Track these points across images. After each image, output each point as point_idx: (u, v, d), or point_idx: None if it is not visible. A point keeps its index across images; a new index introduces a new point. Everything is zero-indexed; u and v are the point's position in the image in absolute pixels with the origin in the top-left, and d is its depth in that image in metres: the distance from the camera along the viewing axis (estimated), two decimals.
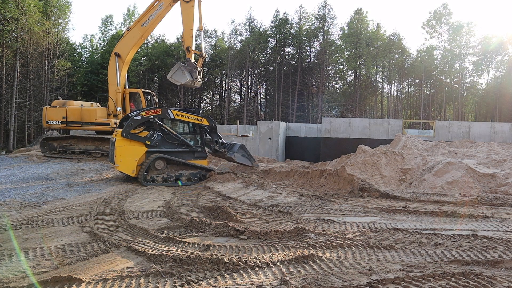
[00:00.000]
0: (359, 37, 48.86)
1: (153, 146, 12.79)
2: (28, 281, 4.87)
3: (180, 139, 13.09)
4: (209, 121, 13.39)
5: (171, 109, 13.14)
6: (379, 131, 22.63)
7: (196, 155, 13.36)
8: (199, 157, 13.37)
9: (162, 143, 12.99)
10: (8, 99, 34.94)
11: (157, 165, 12.66)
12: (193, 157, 13.31)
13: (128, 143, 12.68)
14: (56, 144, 19.16)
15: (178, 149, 13.12)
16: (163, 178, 12.61)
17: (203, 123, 13.36)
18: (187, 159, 13.05)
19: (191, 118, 13.27)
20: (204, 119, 13.33)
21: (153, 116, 12.80)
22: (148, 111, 12.90)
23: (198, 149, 13.38)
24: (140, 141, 12.73)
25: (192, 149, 13.25)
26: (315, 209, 9.17)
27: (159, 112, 12.95)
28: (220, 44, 56.35)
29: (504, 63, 48.68)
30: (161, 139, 12.92)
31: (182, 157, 13.06)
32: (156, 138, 12.82)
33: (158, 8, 17.51)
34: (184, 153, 13.15)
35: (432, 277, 4.71)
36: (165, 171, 12.79)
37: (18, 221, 7.84)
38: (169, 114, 12.97)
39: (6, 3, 33.20)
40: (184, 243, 6.38)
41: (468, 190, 10.72)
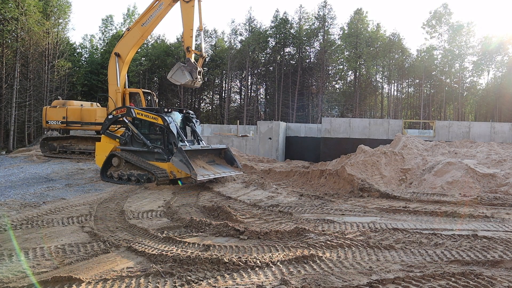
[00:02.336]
0: (359, 37, 48.86)
1: (123, 144, 13.15)
2: (28, 281, 4.87)
3: (140, 138, 12.83)
4: (163, 120, 12.34)
5: (134, 109, 13.03)
6: (379, 131, 22.63)
7: (156, 156, 12.69)
8: (159, 159, 12.58)
9: (132, 142, 13.12)
10: (8, 99, 34.94)
11: (113, 162, 12.91)
12: (154, 158, 12.71)
13: (106, 140, 13.56)
14: (56, 144, 19.16)
15: (142, 148, 12.88)
16: (118, 175, 12.82)
17: (158, 122, 12.50)
18: (150, 160, 12.67)
19: (149, 117, 12.68)
20: (159, 117, 12.41)
21: (120, 115, 13.12)
22: (118, 110, 13.43)
23: (155, 150, 12.60)
24: (113, 139, 13.36)
25: (149, 149, 12.68)
26: (315, 209, 9.17)
27: (125, 111, 13.15)
28: (220, 44, 56.36)
29: (504, 63, 48.70)
30: (131, 138, 13.09)
31: (146, 157, 12.76)
32: (126, 136, 13.10)
33: (158, 8, 17.49)
34: (147, 153, 12.78)
35: (432, 277, 4.71)
36: (120, 169, 12.86)
37: (18, 221, 7.84)
38: (132, 113, 12.90)
39: (6, 3, 33.20)
40: (184, 243, 6.38)
41: (468, 190, 10.72)
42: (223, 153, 13.55)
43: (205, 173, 11.78)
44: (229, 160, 13.42)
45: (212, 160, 13.15)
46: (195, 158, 12.26)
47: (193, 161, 11.94)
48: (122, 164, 12.83)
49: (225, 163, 13.33)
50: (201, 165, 12.22)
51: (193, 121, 14.06)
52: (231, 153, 13.50)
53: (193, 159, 12.04)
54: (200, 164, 12.31)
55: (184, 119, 14.04)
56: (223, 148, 13.66)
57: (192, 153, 12.19)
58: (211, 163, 12.94)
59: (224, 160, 13.43)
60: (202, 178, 11.36)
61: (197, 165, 11.98)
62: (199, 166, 12.02)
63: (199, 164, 12.22)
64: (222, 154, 13.55)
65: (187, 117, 14.08)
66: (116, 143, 13.34)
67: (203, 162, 12.54)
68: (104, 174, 13.10)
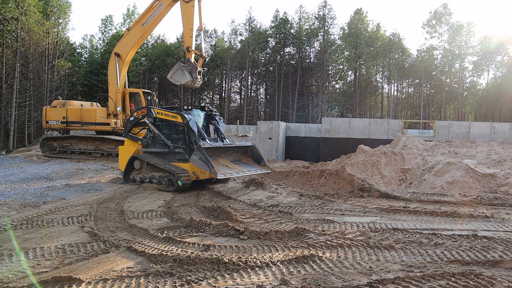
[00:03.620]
0: (359, 37, 48.88)
1: (146, 146, 12.64)
2: (28, 281, 4.87)
3: (161, 138, 12.26)
4: (182, 118, 11.67)
5: (154, 108, 12.57)
6: (379, 131, 22.63)
7: (177, 156, 12.08)
8: (180, 159, 11.94)
9: (154, 143, 12.59)
10: (8, 99, 34.95)
11: (135, 165, 12.51)
12: (176, 159, 12.09)
13: (128, 143, 13.09)
14: (56, 144, 19.16)
15: (163, 149, 12.35)
16: (140, 178, 12.37)
17: (178, 120, 11.85)
18: (172, 161, 12.07)
19: (168, 115, 12.11)
20: (178, 116, 11.77)
21: (141, 116, 12.68)
22: (138, 111, 12.93)
23: (176, 150, 12.00)
24: (135, 141, 12.92)
25: (170, 150, 12.09)
26: (315, 209, 9.17)
27: (145, 111, 12.69)
28: (220, 44, 56.36)
29: (504, 63, 48.71)
30: (152, 139, 12.58)
31: (168, 158, 12.18)
32: (147, 138, 12.62)
33: (158, 8, 17.50)
34: (169, 154, 12.20)
35: (432, 277, 4.71)
36: (142, 172, 12.41)
37: (18, 221, 7.84)
38: (152, 113, 12.42)
39: (6, 3, 33.21)
40: (184, 243, 6.38)
41: (468, 190, 10.72)
42: (249, 151, 12.80)
43: (227, 171, 11.11)
44: (256, 158, 12.68)
45: (237, 158, 12.45)
46: (218, 157, 11.68)
47: (216, 160, 11.41)
48: (144, 166, 12.39)
49: (252, 161, 12.60)
50: (224, 164, 11.56)
51: (216, 119, 13.30)
52: (258, 151, 12.74)
53: (216, 158, 11.51)
54: (223, 163, 11.65)
55: (207, 117, 13.35)
56: (249, 146, 12.83)
57: (214, 151, 11.63)
58: (236, 162, 12.24)
59: (251, 159, 12.68)
60: (223, 176, 10.82)
61: (220, 164, 11.37)
62: (221, 165, 11.40)
63: (222, 163, 11.57)
64: (249, 152, 12.79)
65: (210, 115, 13.36)
66: (139, 145, 12.86)
67: (226, 161, 11.86)
68: (127, 178, 12.70)
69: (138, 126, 13.43)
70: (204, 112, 13.25)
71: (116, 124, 18.37)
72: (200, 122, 12.70)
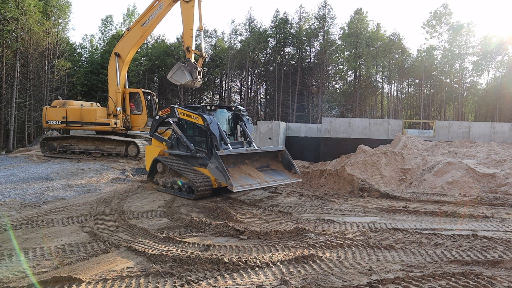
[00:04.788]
0: (359, 37, 48.87)
1: (170, 147, 11.89)
2: (28, 281, 4.87)
3: (184, 140, 11.42)
4: (203, 120, 10.76)
5: (177, 108, 11.63)
6: (379, 131, 22.63)
7: (199, 161, 11.11)
8: (202, 165, 10.89)
9: (178, 145, 11.75)
10: (8, 99, 34.95)
11: (158, 168, 11.88)
12: (198, 164, 11.14)
13: (155, 143, 12.68)
14: (56, 144, 19.15)
15: (186, 152, 11.41)
16: (163, 182, 11.63)
17: (199, 122, 10.93)
18: (195, 165, 11.14)
19: (190, 116, 11.23)
20: (199, 117, 10.85)
21: (166, 115, 11.96)
22: (162, 110, 12.20)
23: (197, 154, 11.09)
24: (160, 142, 12.39)
25: (192, 153, 11.20)
26: (315, 209, 9.17)
27: (169, 110, 11.90)
28: (220, 44, 56.35)
29: (504, 63, 48.71)
30: (177, 141, 11.76)
31: (191, 162, 11.28)
32: (172, 139, 11.89)
33: (158, 8, 17.49)
34: (192, 158, 11.28)
35: (432, 277, 4.71)
36: (165, 176, 11.66)
37: (18, 221, 7.84)
38: (175, 113, 11.58)
39: (6, 3, 33.20)
40: (184, 243, 6.38)
41: (468, 190, 10.72)
42: (279, 157, 11.49)
43: (247, 182, 9.85)
44: (286, 164, 11.34)
45: (265, 164, 11.24)
46: (241, 164, 10.63)
47: (238, 167, 10.42)
48: (167, 170, 11.65)
49: (282, 168, 11.35)
50: (247, 172, 10.40)
51: (244, 119, 12.01)
52: (288, 156, 11.37)
53: (239, 165, 10.51)
54: (247, 170, 10.48)
55: (234, 117, 12.13)
56: (279, 150, 11.48)
57: (237, 158, 10.56)
58: (263, 168, 11.04)
59: (281, 165, 11.41)
60: (241, 188, 9.57)
61: (242, 172, 10.29)
62: (243, 173, 10.28)
63: (245, 170, 10.43)
64: (279, 158, 11.49)
65: (237, 115, 12.11)
66: (164, 146, 12.23)
67: (251, 168, 10.67)
68: (152, 180, 12.14)
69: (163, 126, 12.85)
70: (231, 112, 12.11)
71: (116, 124, 18.36)
72: (224, 123, 11.65)
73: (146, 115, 19.38)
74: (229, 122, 11.98)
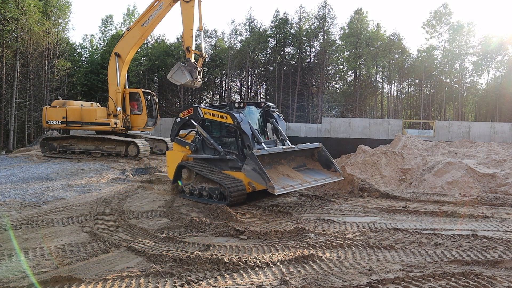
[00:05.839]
0: (359, 37, 48.88)
1: (195, 151, 10.94)
2: (28, 281, 4.87)
3: (211, 142, 10.47)
4: (232, 118, 9.81)
5: (201, 108, 10.75)
6: (379, 131, 22.63)
7: (229, 164, 10.18)
8: (233, 168, 10.06)
9: (203, 148, 10.82)
10: (8, 99, 34.96)
11: (183, 174, 10.75)
12: (228, 167, 10.24)
13: (176, 148, 11.60)
14: (56, 144, 19.15)
15: (214, 155, 10.48)
16: (189, 189, 10.52)
17: (227, 121, 9.98)
18: (224, 169, 10.25)
19: (217, 116, 10.26)
20: (228, 116, 9.92)
21: (188, 116, 10.98)
22: (184, 111, 11.25)
23: (227, 156, 10.14)
24: (183, 146, 11.31)
25: (221, 156, 10.23)
26: (315, 209, 9.17)
27: (191, 111, 10.93)
28: (220, 44, 56.36)
29: (504, 63, 48.74)
30: (202, 143, 10.85)
31: (219, 165, 10.36)
32: (196, 142, 10.93)
33: (158, 8, 17.50)
34: (220, 161, 10.36)
35: (432, 277, 4.71)
36: (191, 182, 10.55)
37: (18, 221, 7.85)
38: (199, 114, 10.66)
39: (6, 3, 33.21)
40: (184, 243, 6.39)
41: (468, 190, 10.72)
42: (316, 154, 10.82)
43: (288, 183, 9.13)
44: (324, 162, 10.68)
45: (302, 164, 10.58)
46: (277, 164, 9.92)
47: (275, 167, 9.71)
48: (193, 176, 10.55)
49: (320, 166, 10.68)
50: (285, 173, 9.71)
51: (275, 116, 11.23)
52: (327, 154, 10.68)
53: (275, 165, 9.80)
54: (284, 171, 9.79)
55: (263, 115, 11.34)
56: (316, 147, 10.76)
57: (273, 158, 9.81)
58: (300, 168, 10.39)
59: (318, 163, 10.74)
60: (283, 191, 8.78)
61: (279, 173, 9.58)
62: (281, 174, 9.56)
63: (282, 171, 9.73)
64: (316, 156, 10.82)
65: (267, 112, 11.31)
66: (187, 150, 11.17)
67: (288, 169, 10.00)
68: (177, 187, 11.07)
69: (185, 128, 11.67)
70: (260, 109, 11.28)
71: (116, 124, 18.37)
72: (254, 121, 10.79)
73: (146, 115, 19.38)
74: (258, 120, 11.12)
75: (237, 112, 10.08)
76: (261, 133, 10.88)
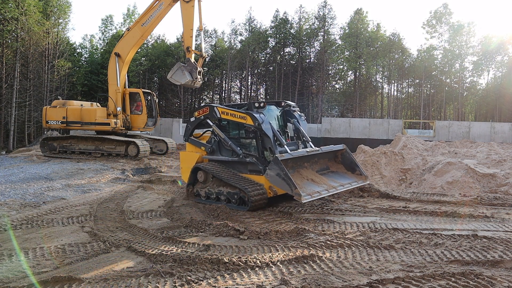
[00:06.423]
0: (359, 37, 48.88)
1: (211, 152, 10.38)
2: (28, 281, 4.87)
3: (228, 144, 9.88)
4: (253, 119, 9.21)
5: (218, 107, 10.17)
6: (379, 131, 22.64)
7: (249, 167, 9.61)
8: (253, 171, 9.50)
9: (220, 150, 10.24)
10: (8, 99, 34.96)
11: (199, 177, 10.17)
12: (247, 170, 9.66)
13: (190, 148, 11.07)
14: (56, 144, 19.16)
15: (232, 158, 9.91)
16: (205, 193, 9.94)
17: (247, 122, 9.37)
18: (243, 172, 9.68)
19: (236, 116, 9.69)
20: (248, 116, 9.31)
21: (203, 116, 10.49)
22: (199, 110, 10.76)
23: (247, 159, 9.55)
24: (198, 147, 10.78)
25: (240, 158, 9.66)
26: (315, 209, 9.17)
27: (207, 111, 10.41)
28: (220, 44, 56.35)
29: (504, 63, 48.74)
30: (218, 144, 10.28)
31: (238, 168, 9.81)
32: (212, 143, 10.36)
33: (158, 8, 17.51)
34: (239, 164, 9.79)
35: (432, 277, 4.72)
36: (208, 186, 9.98)
37: (18, 221, 7.85)
38: (216, 113, 10.10)
39: (6, 3, 33.21)
40: (184, 243, 6.39)
41: (468, 190, 10.72)
42: (339, 156, 10.32)
43: (314, 189, 8.64)
44: (348, 165, 10.20)
45: (325, 166, 10.03)
46: (300, 168, 9.37)
47: (298, 172, 9.18)
48: (209, 179, 10.04)
49: (343, 169, 10.17)
50: (309, 177, 9.18)
51: (296, 116, 10.61)
52: (351, 156, 10.23)
53: (298, 169, 9.26)
54: (308, 175, 9.26)
55: (284, 114, 10.78)
56: (340, 149, 10.29)
57: (296, 161, 9.26)
58: (323, 171, 9.87)
59: (342, 166, 10.24)
60: (310, 198, 8.28)
61: (304, 178, 9.07)
62: (305, 179, 9.05)
63: (306, 175, 9.21)
64: (339, 158, 10.33)
65: (287, 112, 10.74)
66: (202, 151, 10.60)
67: (312, 172, 9.46)
68: (190, 192, 10.45)
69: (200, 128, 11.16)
70: (280, 108, 10.74)
71: (116, 124, 18.37)
72: (275, 121, 10.24)
73: (146, 115, 19.40)
74: (278, 120, 10.53)
75: (257, 112, 9.53)
76: (281, 134, 10.28)
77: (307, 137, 10.50)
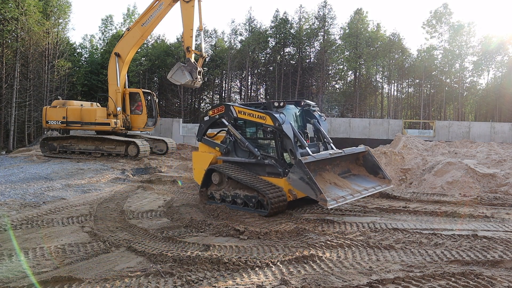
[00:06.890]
0: (359, 37, 48.89)
1: (225, 153, 9.91)
2: (28, 281, 4.87)
3: (245, 144, 9.37)
4: (272, 119, 8.71)
5: (234, 106, 9.67)
6: (379, 131, 22.64)
7: (267, 169, 9.10)
8: (271, 173, 9.02)
9: (236, 150, 9.76)
10: (8, 99, 34.96)
11: (213, 179, 9.63)
12: (265, 172, 9.15)
13: (204, 149, 10.58)
14: (56, 144, 19.16)
15: (249, 159, 9.42)
16: (220, 196, 9.48)
17: (267, 122, 8.87)
18: (261, 174, 9.18)
19: (253, 116, 9.17)
20: (267, 116, 8.80)
21: (218, 115, 10.01)
22: (214, 109, 10.26)
23: (266, 161, 9.04)
24: (212, 147, 10.28)
25: (258, 160, 9.15)
26: (315, 209, 9.17)
27: (223, 109, 9.91)
28: (220, 44, 56.36)
29: (504, 63, 48.77)
30: (234, 145, 9.82)
31: (255, 170, 9.29)
32: (227, 143, 9.87)
33: (158, 8, 17.51)
34: (256, 166, 9.28)
35: (432, 277, 4.71)
36: (223, 188, 9.50)
37: (18, 221, 7.85)
38: (232, 112, 9.59)
39: (6, 3, 33.22)
40: (184, 243, 6.39)
41: (468, 190, 10.72)
42: (361, 159, 9.81)
43: (339, 194, 8.23)
44: (371, 168, 9.68)
45: (346, 169, 9.59)
46: (322, 171, 8.94)
47: (320, 175, 8.73)
48: (225, 181, 9.50)
49: (365, 172, 9.67)
50: (332, 181, 8.76)
51: (316, 116, 10.09)
52: (373, 158, 9.71)
53: (320, 173, 8.82)
54: (331, 179, 8.84)
55: (303, 114, 10.24)
56: (362, 151, 9.78)
57: (318, 164, 8.82)
58: (345, 174, 9.43)
59: (364, 168, 9.73)
60: (336, 204, 7.84)
61: (326, 181, 8.66)
62: (328, 183, 8.64)
63: (328, 179, 8.79)
64: (361, 160, 9.82)
65: (307, 111, 10.21)
66: (217, 152, 10.13)
67: (334, 176, 9.03)
68: (204, 194, 9.90)
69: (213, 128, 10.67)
70: (299, 108, 10.18)
71: (116, 124, 18.38)
72: (294, 122, 9.70)
73: (146, 115, 19.40)
74: (297, 120, 10.03)
75: (276, 112, 9.03)
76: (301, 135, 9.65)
77: (328, 138, 9.98)
